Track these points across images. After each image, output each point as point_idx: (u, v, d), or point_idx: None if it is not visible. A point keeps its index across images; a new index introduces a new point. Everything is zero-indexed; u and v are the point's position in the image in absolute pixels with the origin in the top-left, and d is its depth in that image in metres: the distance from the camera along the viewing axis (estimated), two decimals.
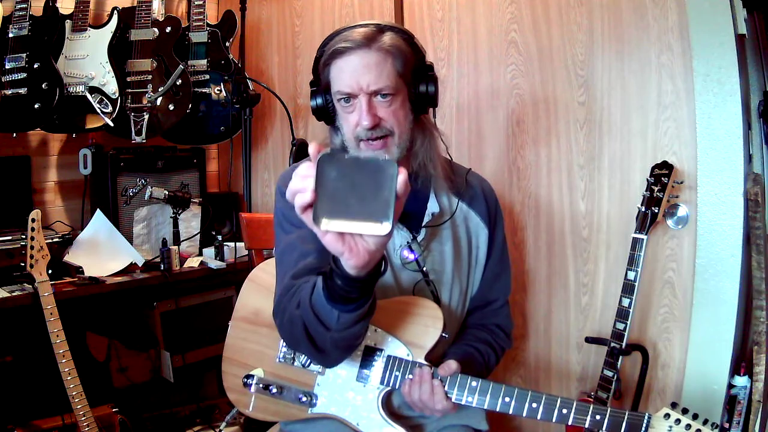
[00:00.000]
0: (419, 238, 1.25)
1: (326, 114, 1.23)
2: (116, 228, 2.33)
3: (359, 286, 0.87)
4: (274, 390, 1.22)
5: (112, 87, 2.29)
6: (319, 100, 1.22)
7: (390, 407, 1.19)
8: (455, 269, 1.29)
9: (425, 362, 1.14)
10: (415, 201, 1.24)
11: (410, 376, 1.13)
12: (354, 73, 1.12)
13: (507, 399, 1.06)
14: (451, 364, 1.10)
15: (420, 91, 1.19)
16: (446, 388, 1.09)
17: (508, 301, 1.42)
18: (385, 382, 1.15)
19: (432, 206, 1.27)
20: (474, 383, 1.09)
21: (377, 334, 1.17)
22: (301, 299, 0.99)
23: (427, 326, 1.15)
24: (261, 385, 1.24)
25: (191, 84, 2.44)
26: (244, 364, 1.28)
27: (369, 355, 1.17)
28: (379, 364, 1.16)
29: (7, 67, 2.09)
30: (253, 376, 1.26)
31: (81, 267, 2.15)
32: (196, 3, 2.53)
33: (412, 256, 1.23)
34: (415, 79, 1.19)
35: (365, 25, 1.15)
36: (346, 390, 1.18)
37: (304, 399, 1.19)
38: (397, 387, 1.15)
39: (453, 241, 1.28)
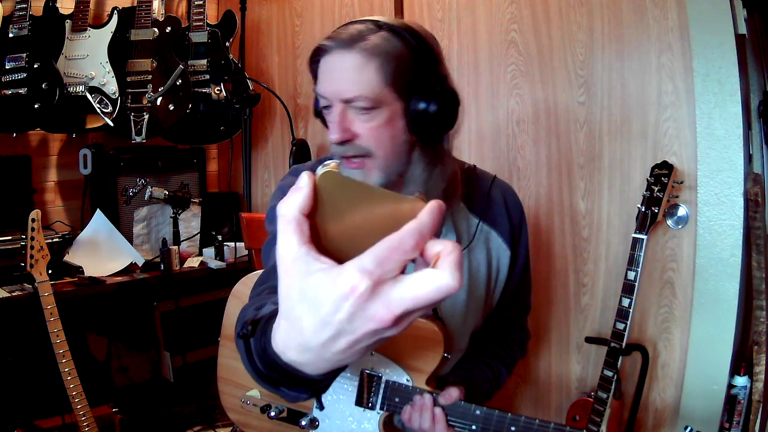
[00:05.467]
0: None
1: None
2: (116, 228, 2.33)
3: (306, 388, 0.57)
4: (273, 413, 1.18)
5: (112, 87, 2.29)
6: (316, 104, 1.06)
7: (392, 425, 1.16)
8: (468, 300, 1.15)
9: (426, 388, 1.07)
10: None
11: (411, 403, 1.06)
12: (329, 76, 0.96)
13: (513, 428, 1.02)
14: (452, 392, 1.03)
15: (416, 108, 0.96)
16: (448, 416, 1.04)
17: (527, 318, 1.35)
18: (385, 408, 1.10)
19: (447, 236, 1.09)
20: (478, 412, 1.03)
21: (374, 358, 1.10)
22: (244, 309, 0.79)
23: (427, 349, 1.07)
24: (259, 408, 1.20)
25: (191, 84, 2.44)
26: (239, 385, 1.24)
27: (367, 380, 1.11)
28: (377, 389, 1.10)
29: (7, 67, 2.09)
30: (250, 398, 1.22)
31: (81, 267, 2.15)
32: (196, 3, 2.53)
33: None
34: (416, 93, 0.97)
35: (362, 21, 0.98)
36: (345, 415, 1.14)
37: (304, 423, 1.15)
38: (397, 412, 1.10)
39: (469, 270, 1.14)
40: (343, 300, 0.40)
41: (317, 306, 0.41)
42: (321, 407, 0.83)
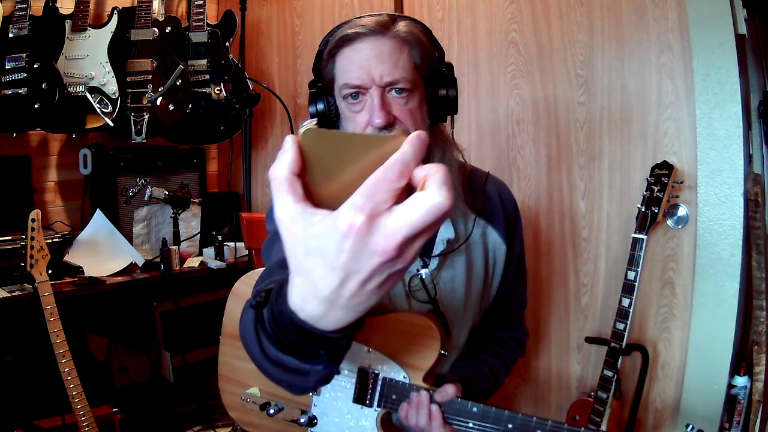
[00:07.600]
0: (430, 267, 1.12)
1: (328, 120, 1.06)
2: (116, 228, 2.33)
3: (324, 348, 0.59)
4: (273, 411, 1.18)
5: (112, 87, 2.29)
6: (321, 105, 1.06)
7: (390, 423, 1.16)
8: (467, 295, 1.16)
9: (423, 385, 1.07)
10: None
11: (408, 400, 1.06)
12: (364, 62, 0.97)
13: (510, 426, 1.02)
14: (449, 389, 1.03)
15: (439, 93, 1.04)
16: (445, 413, 1.04)
17: (524, 313, 1.35)
18: (383, 405, 1.10)
19: (446, 232, 1.10)
20: (475, 409, 1.03)
21: (371, 354, 1.10)
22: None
23: (424, 345, 1.07)
24: (259, 405, 1.21)
25: (191, 84, 2.44)
26: (240, 383, 1.25)
27: (364, 378, 1.10)
28: (374, 386, 1.09)
29: (7, 67, 2.09)
30: (250, 395, 1.22)
31: (81, 267, 2.15)
32: (196, 3, 2.53)
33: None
34: (434, 79, 1.04)
35: (377, 14, 1.01)
36: (343, 412, 1.14)
37: (303, 420, 1.16)
38: (395, 410, 1.10)
39: (467, 264, 1.15)
40: (344, 239, 0.41)
41: (322, 253, 0.43)
42: (338, 371, 0.81)
